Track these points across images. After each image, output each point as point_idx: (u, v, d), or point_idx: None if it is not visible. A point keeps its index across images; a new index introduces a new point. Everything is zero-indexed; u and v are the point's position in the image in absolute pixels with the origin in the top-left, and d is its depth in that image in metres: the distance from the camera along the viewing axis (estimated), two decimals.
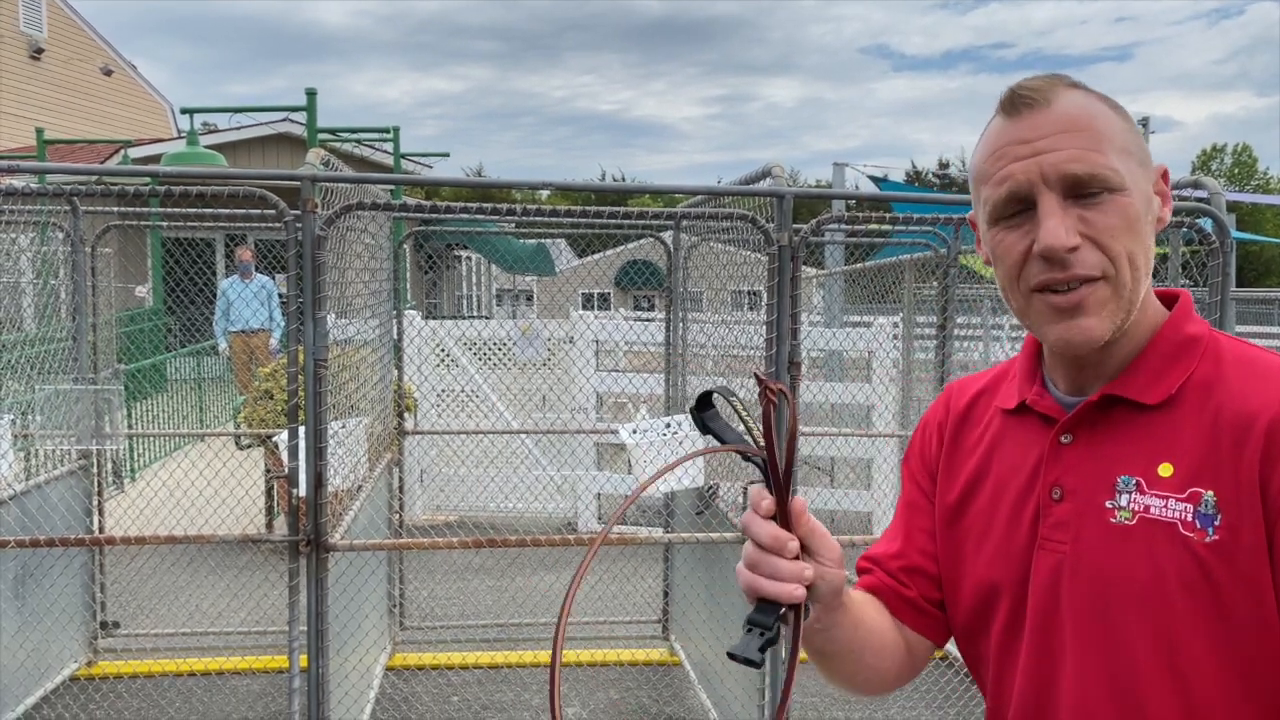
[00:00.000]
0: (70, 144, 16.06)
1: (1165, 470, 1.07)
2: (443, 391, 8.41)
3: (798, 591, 1.04)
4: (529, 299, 32.31)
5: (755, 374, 1.06)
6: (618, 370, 8.85)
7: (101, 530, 5.01)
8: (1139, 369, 1.12)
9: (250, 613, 5.57)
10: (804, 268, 3.21)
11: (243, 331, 10.85)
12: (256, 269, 11.10)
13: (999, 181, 1.10)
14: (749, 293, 4.46)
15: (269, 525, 3.01)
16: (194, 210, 5.67)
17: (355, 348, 4.11)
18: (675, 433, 4.34)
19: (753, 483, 1.10)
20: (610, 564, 6.25)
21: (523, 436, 8.20)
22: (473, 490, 8.06)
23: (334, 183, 3.02)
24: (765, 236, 3.09)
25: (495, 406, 8.36)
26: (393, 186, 10.52)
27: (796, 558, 1.06)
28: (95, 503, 4.92)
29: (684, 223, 4.69)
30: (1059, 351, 1.14)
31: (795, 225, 3.15)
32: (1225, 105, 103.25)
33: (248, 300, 10.72)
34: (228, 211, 5.11)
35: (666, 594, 5.46)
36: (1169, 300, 1.17)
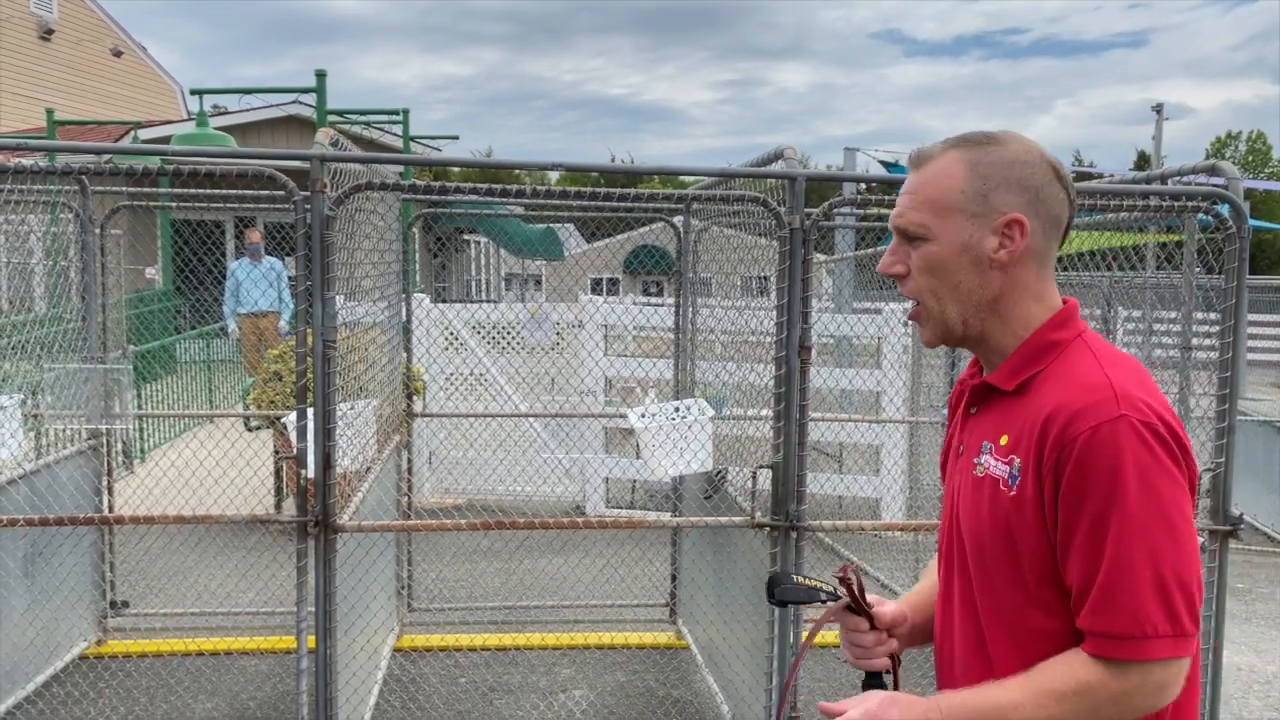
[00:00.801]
0: (80, 125, 16.05)
1: (1004, 440, 1.44)
2: (451, 375, 8.40)
3: (886, 661, 1.63)
4: (538, 283, 32.27)
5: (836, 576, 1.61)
6: (626, 355, 8.84)
7: (111, 510, 5.03)
8: (1008, 364, 1.48)
9: (259, 593, 5.59)
10: (815, 253, 3.18)
11: (252, 313, 10.85)
12: (266, 251, 11.09)
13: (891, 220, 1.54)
14: (759, 278, 4.44)
15: (278, 506, 3.01)
16: (203, 191, 5.67)
17: (364, 330, 4.10)
18: (684, 417, 4.32)
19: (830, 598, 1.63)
20: (618, 547, 6.25)
21: (531, 420, 8.20)
22: (481, 473, 8.07)
23: (342, 162, 3.00)
24: (776, 219, 3.07)
25: (504, 390, 8.36)
26: (402, 168, 10.49)
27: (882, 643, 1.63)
28: (105, 483, 4.93)
29: (694, 206, 4.67)
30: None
31: (807, 209, 3.12)
32: (1239, 92, 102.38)
33: (256, 282, 10.72)
34: (237, 193, 5.09)
35: (674, 578, 5.46)
36: (1063, 308, 1.50)
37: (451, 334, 8.48)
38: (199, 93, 10.57)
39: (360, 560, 3.75)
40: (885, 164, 12.60)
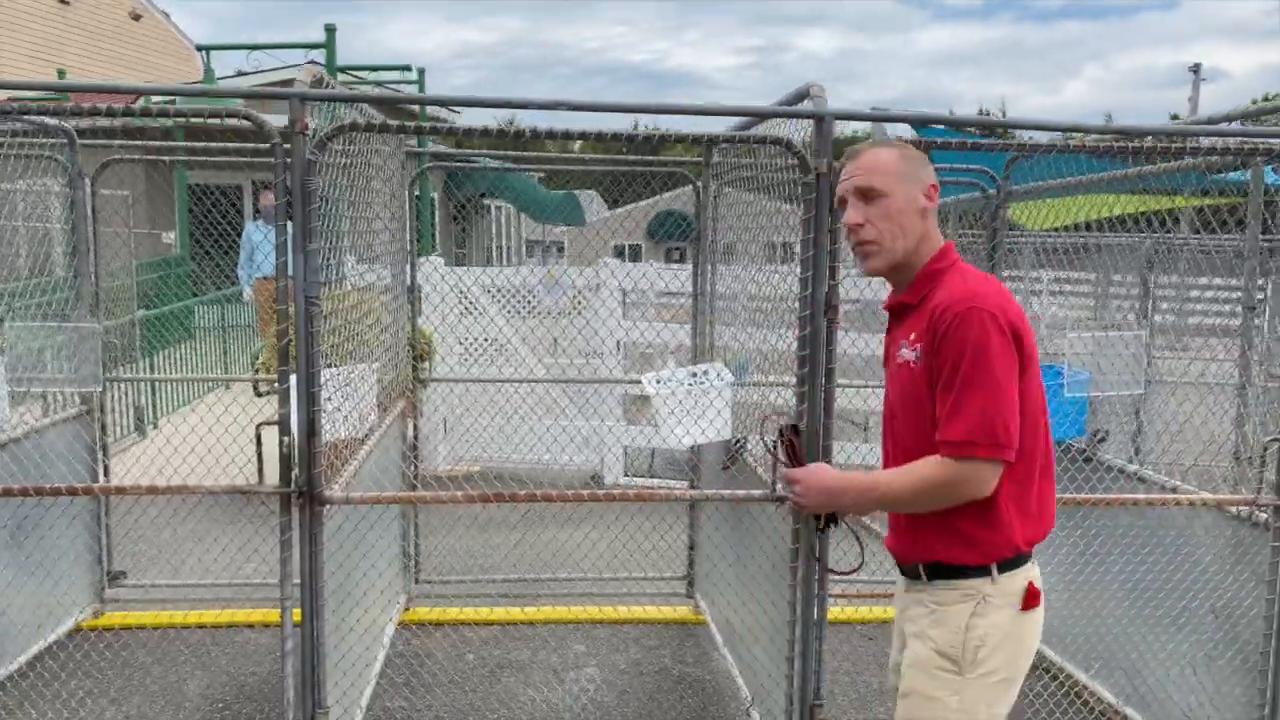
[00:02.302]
0: (95, 90, 15.80)
1: (912, 336, 2.24)
2: (464, 339, 8.18)
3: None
4: (560, 250, 31.96)
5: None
6: (646, 320, 8.57)
7: (107, 478, 4.85)
8: (911, 287, 2.30)
9: (262, 563, 5.40)
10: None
11: (267, 277, 10.65)
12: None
13: (838, 193, 2.38)
14: (782, 245, 4.20)
15: (260, 476, 2.80)
16: (199, 145, 5.43)
17: (361, 290, 3.86)
18: (701, 383, 4.07)
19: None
20: (633, 517, 6.03)
21: (548, 386, 7.97)
22: (496, 441, 7.85)
23: (323, 101, 2.74)
24: (801, 163, 2.78)
25: (519, 354, 8.13)
26: (414, 126, 10.21)
27: None
28: (99, 450, 4.74)
29: (714, 156, 4.38)
30: (865, 276, 2.42)
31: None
32: (1275, 54, 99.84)
33: (272, 245, 10.48)
34: (235, 145, 4.84)
35: (692, 550, 5.23)
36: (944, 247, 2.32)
37: (466, 298, 8.25)
38: (204, 49, 10.31)
39: (365, 533, 3.53)
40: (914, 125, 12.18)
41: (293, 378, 2.80)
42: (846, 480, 2.33)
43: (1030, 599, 2.22)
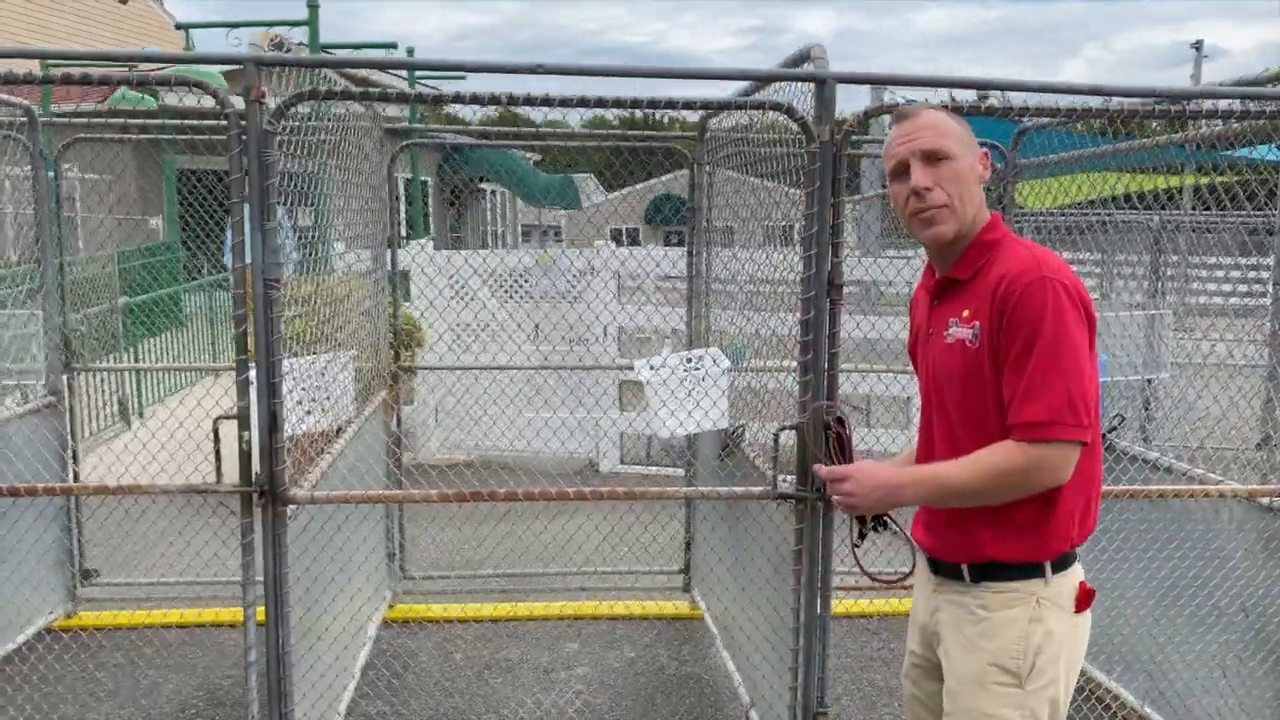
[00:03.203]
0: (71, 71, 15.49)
1: (965, 313, 2.05)
2: (455, 325, 7.96)
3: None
4: (557, 234, 31.66)
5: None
6: (636, 305, 8.36)
7: (76, 471, 4.64)
8: (961, 261, 2.10)
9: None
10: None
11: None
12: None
13: (892, 157, 2.10)
14: (784, 227, 4.03)
15: (218, 474, 2.59)
16: (175, 123, 5.19)
17: (332, 274, 3.65)
18: (696, 369, 3.86)
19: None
20: (630, 509, 5.83)
21: (543, 372, 7.76)
22: (492, 429, 7.65)
23: (282, 66, 2.52)
24: (804, 129, 2.56)
25: (513, 340, 7.92)
26: (379, 92, 9.93)
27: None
28: (69, 444, 4.53)
29: (709, 126, 4.16)
30: (928, 246, 2.13)
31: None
32: (1275, 33, 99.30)
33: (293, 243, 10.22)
34: (194, 123, 4.61)
35: (688, 543, 5.03)
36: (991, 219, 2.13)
37: (457, 282, 8.03)
38: (183, 27, 10.04)
39: (322, 532, 3.33)
40: (913, 104, 11.90)
41: (252, 368, 2.58)
42: (904, 473, 2.07)
43: (1083, 600, 2.06)
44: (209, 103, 2.58)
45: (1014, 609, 2.01)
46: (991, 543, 2.02)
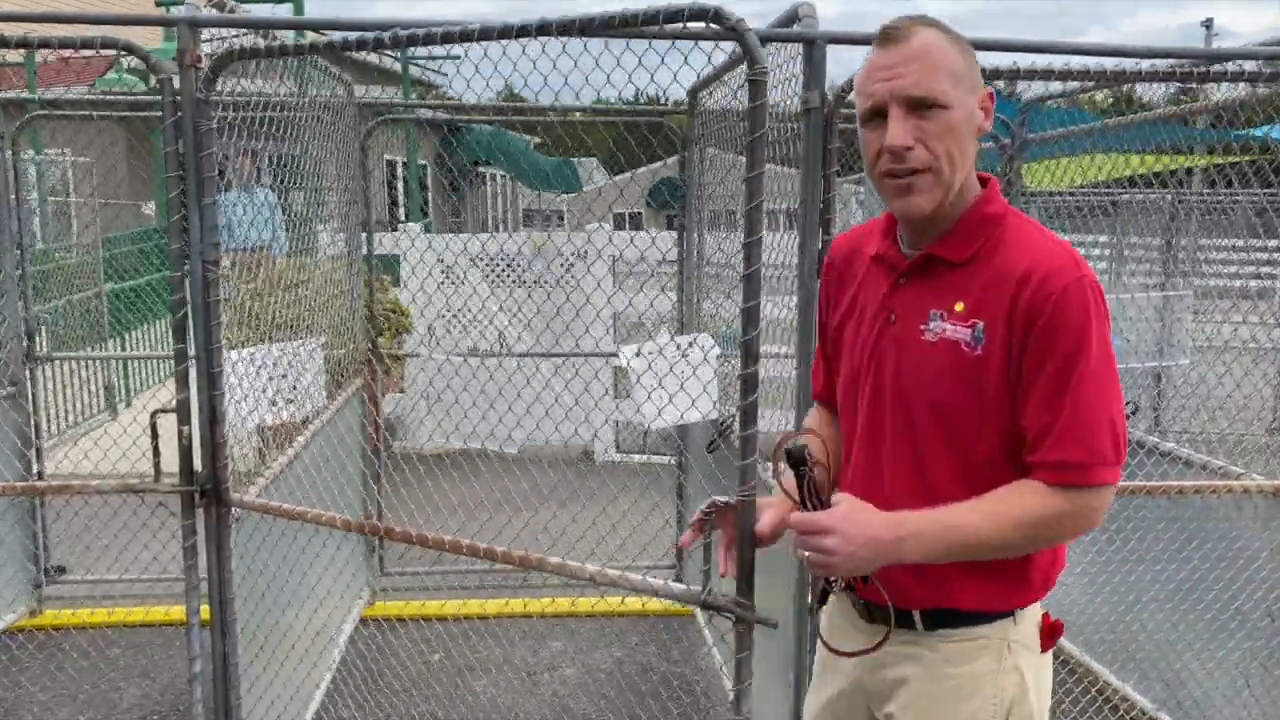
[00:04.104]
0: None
1: (959, 307, 1.58)
2: (444, 311, 7.76)
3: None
4: (560, 219, 31.38)
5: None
6: (631, 290, 8.14)
7: (40, 465, 4.44)
8: (952, 235, 1.61)
9: None
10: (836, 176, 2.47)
11: (242, 249, 10.19)
12: (259, 180, 10.38)
13: (867, 96, 1.56)
14: (785, 212, 3.83)
15: (155, 472, 2.38)
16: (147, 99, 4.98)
17: (297, 255, 3.44)
18: (685, 356, 3.65)
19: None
20: (624, 498, 5.63)
21: (536, 359, 7.55)
22: (483, 418, 7.44)
23: (218, 27, 2.30)
24: (735, 37, 2.33)
25: (505, 327, 7.71)
26: (325, 43, 9.71)
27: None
28: (31, 436, 4.33)
29: (700, 99, 3.93)
30: (900, 219, 1.65)
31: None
32: None
33: (249, 215, 10.03)
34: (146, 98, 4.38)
35: (680, 534, 4.82)
36: (983, 183, 1.63)
37: (447, 267, 7.82)
38: (165, 4, 9.80)
39: (293, 529, 3.12)
40: None
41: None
42: (901, 525, 1.51)
43: (1049, 637, 1.71)
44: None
45: (983, 659, 1.64)
46: (962, 590, 1.61)
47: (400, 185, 18.39)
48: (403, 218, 16.66)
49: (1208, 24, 24.38)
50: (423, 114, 5.68)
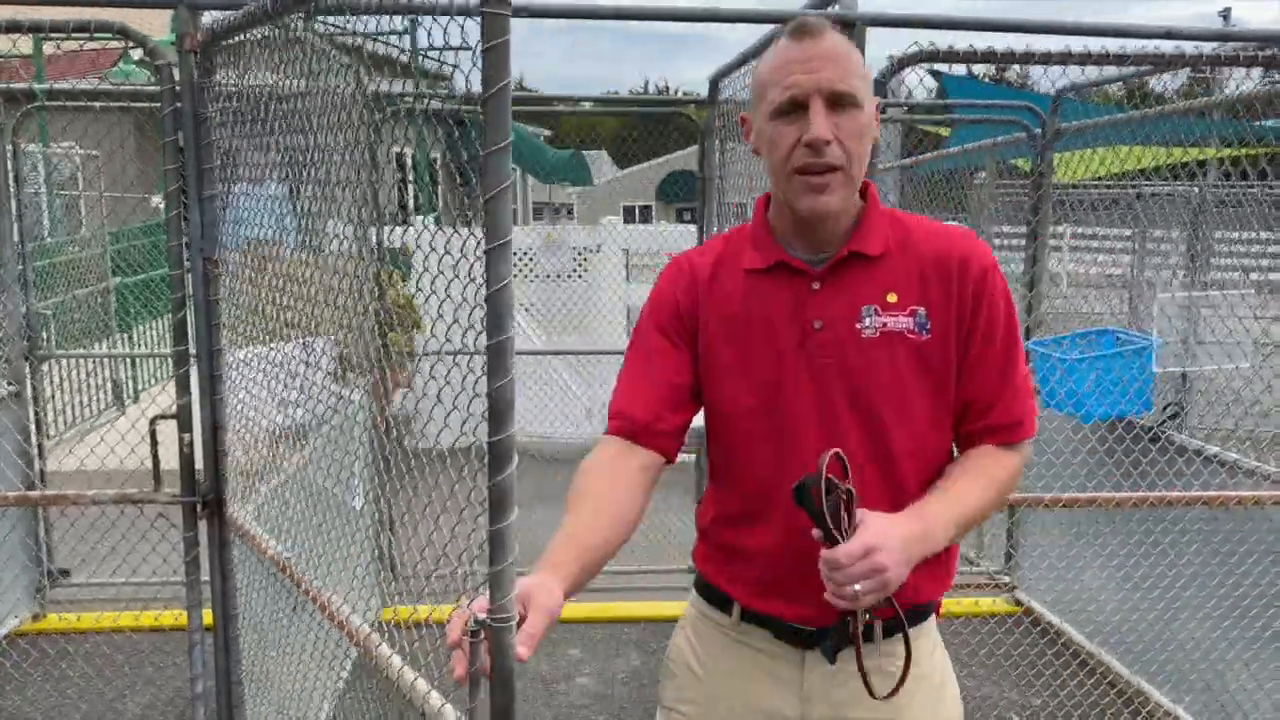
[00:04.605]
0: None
1: (892, 298, 1.57)
2: (457, 306, 7.63)
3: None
4: (570, 212, 31.27)
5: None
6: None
7: (43, 475, 4.33)
8: (865, 233, 1.58)
9: None
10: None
11: (250, 242, 10.09)
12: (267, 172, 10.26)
13: (786, 87, 1.50)
14: None
15: (155, 481, 2.26)
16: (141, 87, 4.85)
17: (300, 250, 3.30)
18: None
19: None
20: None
21: (551, 355, 7.43)
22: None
23: (219, 10, 2.16)
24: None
25: (519, 324, 7.59)
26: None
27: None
28: (33, 440, 4.23)
29: (721, 87, 3.78)
30: (807, 218, 1.55)
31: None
32: None
33: (255, 207, 9.93)
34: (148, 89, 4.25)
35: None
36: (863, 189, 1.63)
37: (458, 262, 7.69)
38: None
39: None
40: (934, 72, 11.45)
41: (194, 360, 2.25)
42: (922, 516, 1.48)
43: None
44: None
45: (929, 645, 1.65)
46: (925, 583, 1.57)
47: (410, 177, 18.27)
48: (414, 210, 16.56)
49: (1225, 14, 24.02)
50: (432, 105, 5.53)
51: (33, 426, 4.23)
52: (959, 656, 4.08)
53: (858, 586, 1.37)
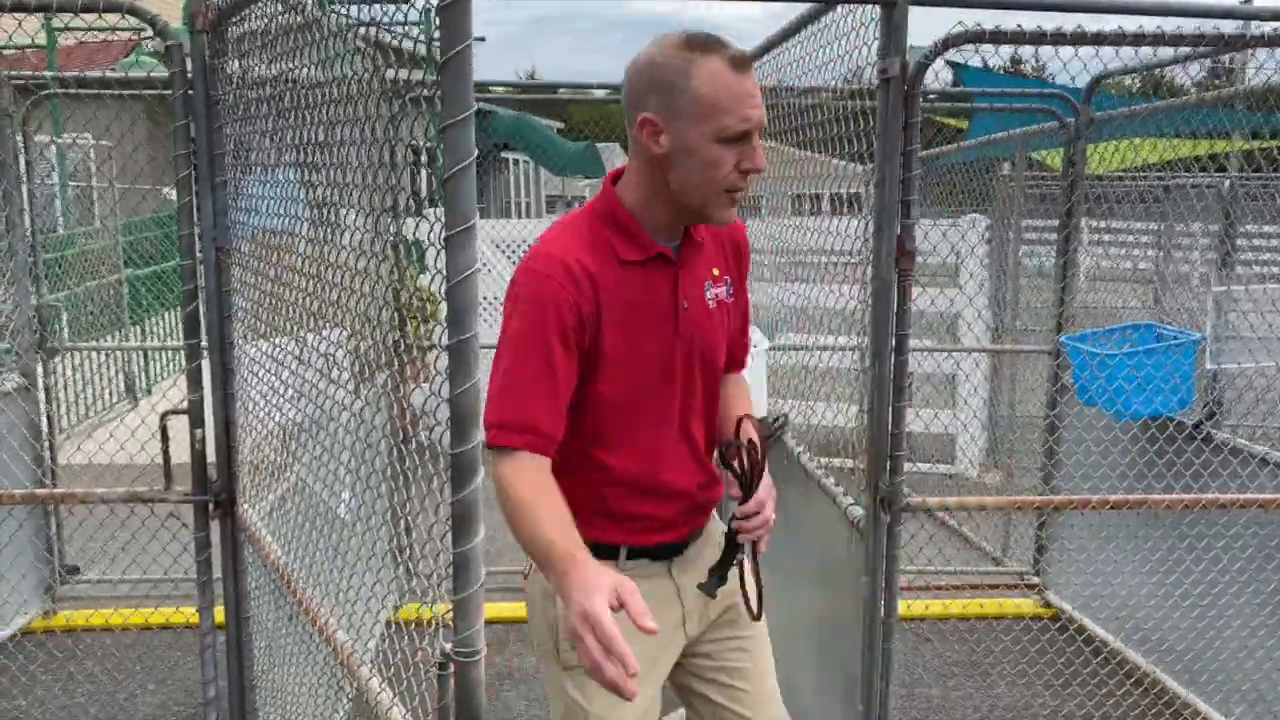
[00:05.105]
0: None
1: (715, 271, 1.89)
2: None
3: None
4: (583, 205, 31.08)
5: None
6: None
7: (54, 470, 4.26)
8: (695, 228, 1.85)
9: None
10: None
11: (265, 231, 10.01)
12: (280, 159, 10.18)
13: (743, 119, 1.66)
14: (812, 196, 3.63)
15: (166, 479, 2.18)
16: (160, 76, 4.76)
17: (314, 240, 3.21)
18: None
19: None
20: None
21: None
22: None
23: None
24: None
25: None
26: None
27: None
28: (45, 433, 4.15)
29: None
30: (714, 222, 1.80)
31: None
32: None
33: (270, 197, 9.85)
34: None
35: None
36: None
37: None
38: None
39: None
40: (953, 64, 11.26)
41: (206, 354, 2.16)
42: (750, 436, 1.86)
43: None
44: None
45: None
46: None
47: (424, 168, 18.17)
48: (427, 202, 16.48)
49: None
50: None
51: (43, 421, 4.16)
52: (986, 659, 3.97)
53: (761, 532, 1.81)
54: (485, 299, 7.56)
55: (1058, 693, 3.75)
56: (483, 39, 12.97)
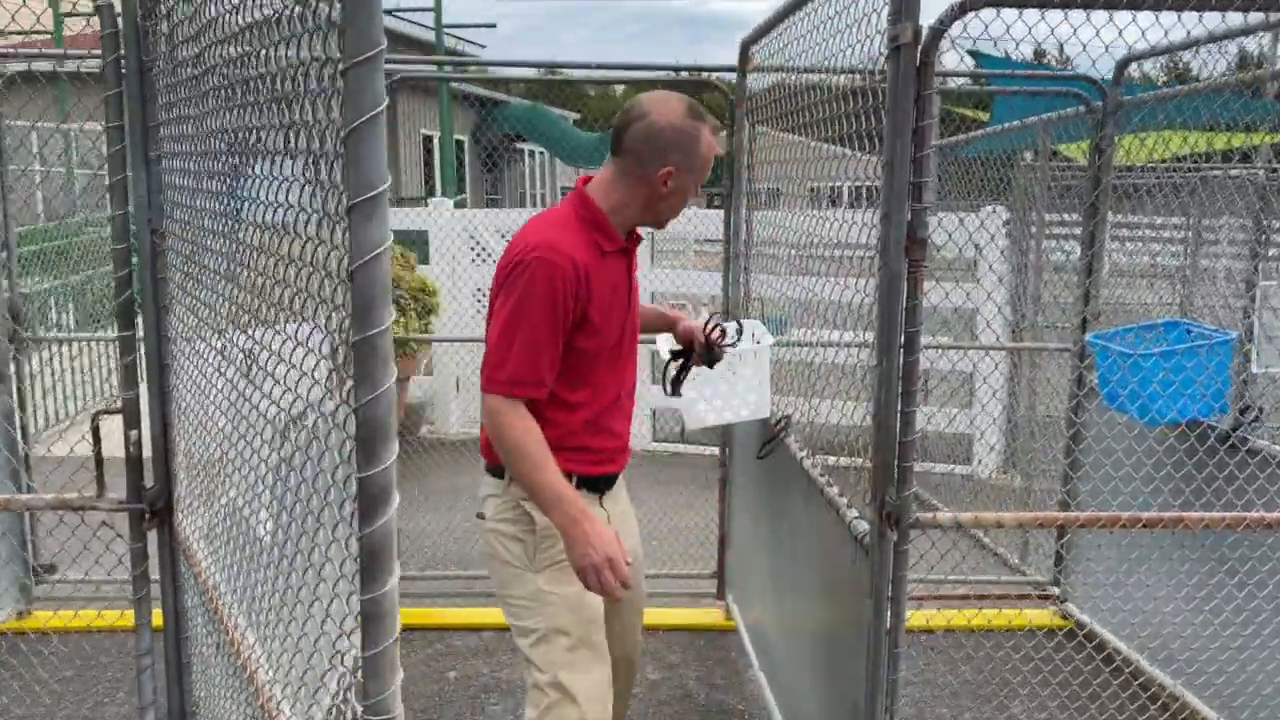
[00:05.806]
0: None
1: (636, 260, 2.42)
2: (478, 290, 7.36)
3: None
4: None
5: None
6: (674, 269, 7.69)
7: (28, 456, 4.09)
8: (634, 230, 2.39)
9: None
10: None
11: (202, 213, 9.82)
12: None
13: (712, 157, 2.29)
14: (830, 188, 3.42)
15: (99, 485, 1.99)
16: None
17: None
18: (733, 344, 3.18)
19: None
20: (654, 498, 5.20)
21: None
22: None
23: None
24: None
25: None
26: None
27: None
28: (18, 430, 3.98)
29: (752, 53, 3.45)
30: (652, 226, 2.37)
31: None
32: None
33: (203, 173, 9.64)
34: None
35: (723, 541, 4.37)
36: None
37: (478, 243, 7.41)
38: None
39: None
40: (973, 53, 10.97)
41: (142, 346, 1.96)
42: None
43: None
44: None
45: None
46: None
47: (437, 159, 18.00)
48: (438, 192, 16.30)
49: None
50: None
51: (15, 409, 3.98)
52: (1002, 672, 3.75)
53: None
54: (487, 290, 7.36)
55: (1074, 717, 3.52)
56: (492, 25, 12.74)
